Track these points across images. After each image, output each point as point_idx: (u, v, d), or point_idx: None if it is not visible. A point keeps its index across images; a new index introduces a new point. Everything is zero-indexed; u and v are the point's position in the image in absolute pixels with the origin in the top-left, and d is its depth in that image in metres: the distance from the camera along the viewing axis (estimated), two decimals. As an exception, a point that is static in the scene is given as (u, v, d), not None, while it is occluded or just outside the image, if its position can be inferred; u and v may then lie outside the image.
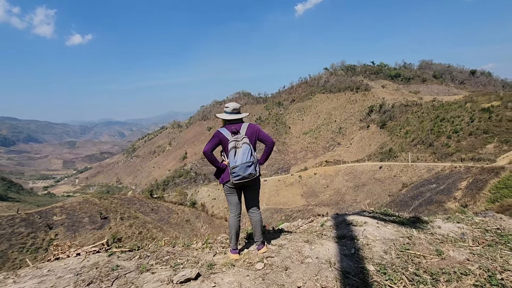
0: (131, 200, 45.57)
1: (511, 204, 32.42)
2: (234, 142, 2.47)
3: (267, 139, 2.63)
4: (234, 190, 2.56)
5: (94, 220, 32.18)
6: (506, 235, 2.53)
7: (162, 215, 40.62)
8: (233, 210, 2.59)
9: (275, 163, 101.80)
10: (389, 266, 1.93)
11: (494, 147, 52.70)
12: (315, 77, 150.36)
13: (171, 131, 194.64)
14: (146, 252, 2.61)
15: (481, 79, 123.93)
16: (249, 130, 2.60)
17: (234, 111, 2.68)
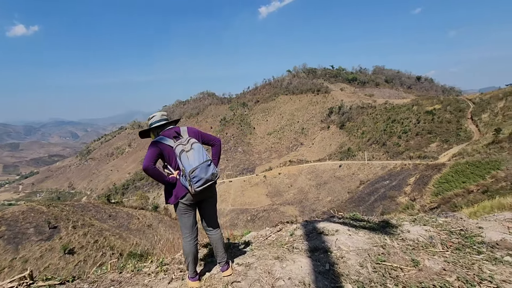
0: (86, 206, 42.11)
1: (450, 197, 36.14)
2: (181, 146, 2.10)
3: (213, 139, 2.38)
4: (191, 207, 2.13)
5: (41, 231, 28.87)
6: (470, 237, 2.55)
7: (121, 221, 38.16)
8: (189, 233, 2.13)
9: (240, 164, 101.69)
10: (367, 283, 1.76)
11: (437, 145, 58.56)
12: (279, 79, 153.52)
13: (131, 132, 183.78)
14: (83, 283, 2.12)
15: (425, 85, 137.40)
16: (191, 132, 2.29)
17: (163, 118, 2.36)
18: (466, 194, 32.59)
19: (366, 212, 27.65)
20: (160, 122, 2.30)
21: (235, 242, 2.94)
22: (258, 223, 60.32)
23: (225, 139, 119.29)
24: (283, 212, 61.42)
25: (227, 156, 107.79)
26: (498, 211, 7.55)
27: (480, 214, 7.58)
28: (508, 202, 8.26)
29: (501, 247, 2.30)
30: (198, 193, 2.04)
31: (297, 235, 2.79)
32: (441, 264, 1.95)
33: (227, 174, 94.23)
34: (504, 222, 3.00)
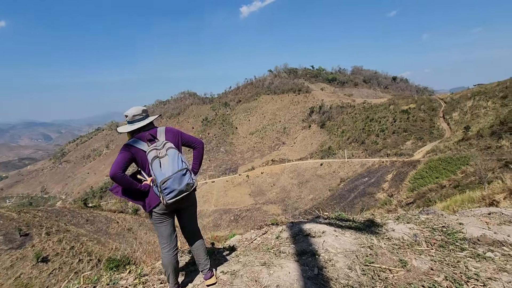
0: (61, 211, 40.16)
1: (425, 192, 37.80)
2: (154, 151, 1.87)
3: (194, 141, 2.14)
4: (167, 216, 1.94)
5: (11, 239, 27.09)
6: (452, 233, 2.59)
7: (99, 226, 36.78)
8: (167, 243, 1.95)
9: (223, 164, 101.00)
10: (357, 287, 1.71)
11: (412, 143, 61.14)
12: (260, 79, 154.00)
13: (108, 133, 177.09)
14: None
15: (400, 85, 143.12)
16: (169, 134, 2.04)
17: (137, 118, 2.04)
18: (439, 189, 34.27)
19: (347, 208, 28.35)
20: (135, 125, 2.01)
21: (218, 248, 2.81)
22: (241, 223, 60.17)
23: (207, 139, 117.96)
24: (266, 211, 61.67)
25: (209, 156, 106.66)
26: (468, 204, 7.95)
27: (452, 207, 7.95)
28: (477, 195, 8.73)
29: (482, 243, 2.34)
30: (170, 204, 1.84)
31: (283, 237, 2.72)
32: (428, 263, 1.95)
33: (209, 175, 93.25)
34: (482, 217, 3.09)
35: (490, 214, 3.17)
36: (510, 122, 43.03)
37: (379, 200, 42.00)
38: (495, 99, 56.34)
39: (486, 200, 7.63)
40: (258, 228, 3.37)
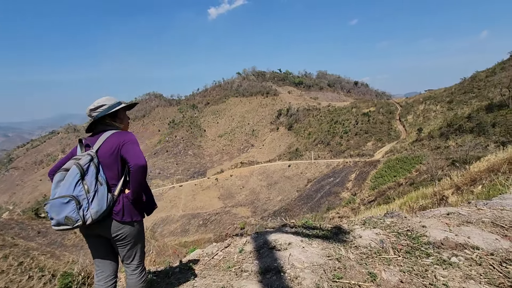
0: (7, 224, 36.20)
1: (385, 190, 40.19)
2: (72, 161, 1.58)
3: (130, 159, 1.61)
4: (91, 237, 1.65)
5: None
6: (417, 237, 2.57)
7: (53, 238, 33.73)
8: (98, 270, 1.66)
9: (191, 167, 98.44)
10: (326, 310, 1.54)
11: (372, 144, 64.93)
12: (229, 81, 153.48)
13: (64, 136, 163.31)
14: None
15: (361, 89, 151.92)
16: (108, 144, 1.65)
17: (92, 113, 1.74)
18: (397, 186, 36.68)
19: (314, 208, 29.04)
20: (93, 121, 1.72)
21: (174, 267, 2.49)
22: (210, 227, 58.96)
23: (174, 142, 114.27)
24: (236, 214, 61.20)
25: (177, 160, 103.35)
26: (422, 200, 8.42)
27: (408, 203, 8.38)
28: (429, 192, 9.32)
29: (446, 247, 2.32)
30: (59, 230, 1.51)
31: (247, 251, 2.49)
32: (397, 275, 1.84)
33: (177, 179, 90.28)
34: (441, 218, 3.15)
35: (449, 214, 3.25)
36: (455, 124, 47.64)
37: (343, 199, 43.77)
38: (443, 104, 62.10)
39: (437, 196, 8.16)
40: (221, 241, 3.10)
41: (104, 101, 1.75)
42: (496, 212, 3.18)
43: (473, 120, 44.62)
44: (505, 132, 38.07)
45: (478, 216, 3.04)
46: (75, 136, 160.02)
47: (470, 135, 42.69)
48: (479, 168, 8.67)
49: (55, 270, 17.19)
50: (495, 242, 2.34)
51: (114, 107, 1.76)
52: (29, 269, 17.87)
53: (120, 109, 1.80)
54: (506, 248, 2.24)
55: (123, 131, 1.74)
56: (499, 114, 41.90)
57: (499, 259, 2.05)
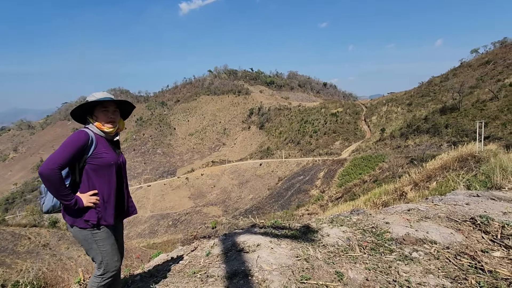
0: None
1: (351, 187, 42.02)
2: None
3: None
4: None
5: None
6: (381, 234, 2.65)
7: (3, 244, 30.56)
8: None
9: (160, 166, 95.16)
10: (293, 313, 1.49)
11: (340, 143, 67.70)
12: (200, 79, 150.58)
13: (17, 133, 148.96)
14: None
15: (330, 90, 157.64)
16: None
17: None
18: (362, 183, 38.63)
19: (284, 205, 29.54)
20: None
21: (135, 275, 2.32)
22: (180, 227, 57.51)
23: (142, 140, 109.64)
24: (207, 214, 60.36)
25: (144, 159, 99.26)
26: (384, 196, 8.90)
27: (372, 199, 8.81)
28: (390, 188, 9.88)
29: (407, 242, 2.42)
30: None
31: (214, 254, 2.39)
32: (363, 273, 1.87)
33: (145, 178, 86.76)
34: (403, 214, 3.30)
35: (410, 210, 3.41)
36: (414, 125, 51.34)
37: (312, 197, 45.12)
38: (403, 106, 66.58)
39: (398, 192, 8.68)
40: (188, 243, 2.96)
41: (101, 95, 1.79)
42: (450, 207, 3.40)
43: (429, 121, 48.44)
44: (456, 133, 41.81)
45: (435, 212, 3.23)
46: (29, 134, 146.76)
47: (426, 135, 46.29)
48: (433, 166, 9.37)
49: (5, 279, 15.52)
50: (450, 236, 2.49)
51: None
52: (-27, 281, 15.71)
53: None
54: (459, 242, 2.39)
55: (79, 130, 1.71)
56: (451, 116, 45.93)
57: (454, 252, 2.17)
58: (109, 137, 1.80)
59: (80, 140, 1.61)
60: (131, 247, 28.71)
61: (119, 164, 1.82)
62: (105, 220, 1.68)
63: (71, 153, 1.56)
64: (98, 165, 1.67)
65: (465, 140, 27.91)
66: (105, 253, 1.66)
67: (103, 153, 1.69)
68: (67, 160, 1.55)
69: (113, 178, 1.73)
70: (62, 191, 1.53)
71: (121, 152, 1.94)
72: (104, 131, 1.74)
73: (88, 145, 1.64)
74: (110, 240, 1.69)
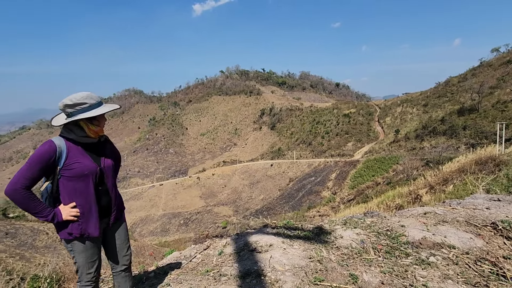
0: (-29, 225, 33.64)
1: (363, 189, 41.29)
2: None
3: None
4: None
5: None
6: (396, 237, 2.59)
7: (23, 239, 31.86)
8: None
9: (172, 166, 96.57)
10: (307, 315, 1.48)
11: (352, 144, 66.66)
12: (212, 79, 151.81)
13: (36, 132, 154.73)
14: None
15: (342, 91, 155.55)
16: None
17: (67, 110, 1.66)
18: (375, 185, 37.88)
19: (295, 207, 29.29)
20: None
21: (149, 272, 2.36)
22: (191, 226, 58.13)
23: (155, 140, 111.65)
24: (217, 213, 60.74)
25: (157, 158, 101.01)
26: (398, 199, 8.68)
27: (386, 202, 8.61)
28: (404, 191, 9.64)
29: (424, 246, 2.36)
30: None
31: (226, 253, 2.40)
32: (378, 276, 1.83)
33: (157, 177, 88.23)
34: (419, 217, 3.21)
35: (426, 214, 3.32)
36: (430, 127, 49.92)
37: (324, 198, 44.62)
38: (419, 107, 64.86)
39: (412, 195, 8.46)
40: (200, 242, 2.99)
41: (84, 99, 1.58)
42: (469, 211, 3.29)
43: (446, 123, 46.96)
44: (474, 135, 40.36)
45: (453, 216, 3.13)
46: (48, 133, 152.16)
47: (443, 137, 44.90)
48: (450, 169, 9.07)
49: (24, 273, 16.00)
50: (470, 241, 2.41)
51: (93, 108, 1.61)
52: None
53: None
54: (479, 247, 2.30)
55: (47, 140, 1.60)
56: (470, 117, 44.37)
57: (474, 258, 2.09)
58: (87, 142, 1.63)
59: (46, 154, 1.51)
60: (144, 245, 29.22)
61: (98, 171, 1.63)
62: (88, 232, 1.60)
63: (36, 169, 1.49)
64: (72, 176, 1.55)
65: (484, 142, 26.92)
66: (79, 264, 1.64)
67: (75, 163, 1.55)
68: (33, 177, 1.48)
69: (90, 188, 1.59)
70: (33, 208, 1.47)
71: (108, 154, 1.75)
72: (91, 137, 1.64)
73: (56, 157, 1.53)
74: (86, 253, 1.63)
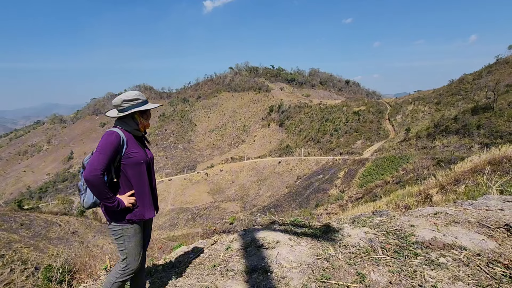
0: (-13, 215, 34.87)
1: (372, 187, 40.82)
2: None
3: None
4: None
5: None
6: (405, 237, 2.56)
7: (37, 230, 32.89)
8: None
9: (181, 161, 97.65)
10: (313, 312, 1.48)
11: (362, 142, 65.79)
12: (221, 76, 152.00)
13: (50, 127, 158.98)
14: None
15: (352, 88, 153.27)
16: None
17: (124, 104, 1.90)
18: (384, 184, 37.31)
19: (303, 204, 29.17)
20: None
21: (158, 265, 2.40)
22: (199, 221, 58.80)
23: (164, 135, 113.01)
24: (225, 209, 61.19)
25: (166, 153, 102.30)
26: (408, 198, 8.55)
27: (395, 201, 8.50)
28: (414, 190, 9.46)
29: (434, 247, 2.32)
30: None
31: (233, 249, 2.42)
32: (386, 276, 1.81)
33: (166, 173, 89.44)
34: (429, 217, 3.16)
35: (436, 214, 3.26)
36: (442, 125, 48.74)
37: (332, 196, 44.28)
38: (431, 105, 63.37)
39: (422, 194, 8.30)
40: (208, 237, 3.02)
41: (138, 96, 1.93)
42: (482, 213, 3.21)
43: (459, 121, 45.74)
44: (489, 134, 39.19)
45: (464, 216, 3.06)
46: (61, 127, 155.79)
47: (455, 136, 43.79)
48: (463, 168, 8.84)
49: (38, 263, 16.28)
50: (482, 243, 2.35)
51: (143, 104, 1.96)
52: (11, 261, 16.74)
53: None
54: (492, 249, 2.25)
55: (110, 130, 1.76)
56: (484, 116, 43.08)
57: (486, 260, 2.05)
58: (138, 134, 1.89)
59: (114, 142, 1.68)
60: (153, 238, 29.75)
61: (148, 160, 1.87)
62: (144, 215, 1.79)
63: (109, 156, 1.65)
64: (130, 164, 1.74)
65: (499, 142, 26.13)
66: (128, 250, 1.74)
67: (133, 152, 1.76)
68: (107, 163, 1.64)
69: (144, 174, 1.81)
70: (106, 194, 1.61)
71: (148, 148, 2.00)
72: (140, 131, 1.89)
73: (121, 145, 1.71)
74: (136, 237, 1.76)
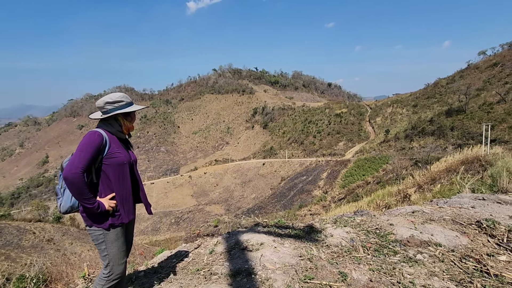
0: (-52, 225, 32.43)
1: (354, 188, 41.80)
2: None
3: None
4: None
5: None
6: (385, 235, 2.64)
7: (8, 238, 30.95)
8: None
9: (164, 164, 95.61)
10: (297, 313, 1.49)
11: (344, 144, 67.38)
12: (204, 77, 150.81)
13: (23, 129, 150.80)
14: None
15: (334, 90, 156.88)
16: None
17: (106, 106, 1.86)
18: (365, 185, 38.38)
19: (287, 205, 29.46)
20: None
21: (139, 271, 2.34)
22: (183, 225, 57.75)
23: (146, 138, 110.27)
24: (209, 212, 60.51)
25: (148, 156, 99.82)
26: (388, 198, 8.84)
27: (375, 201, 8.76)
28: (394, 190, 9.81)
29: (412, 244, 2.41)
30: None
31: (217, 252, 2.40)
32: (367, 274, 1.86)
33: (148, 176, 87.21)
34: (407, 216, 3.28)
35: (414, 212, 3.39)
36: (419, 127, 50.88)
37: (315, 197, 44.95)
38: (408, 107, 66.02)
39: (401, 194, 8.62)
40: (191, 241, 2.97)
41: (122, 98, 1.86)
42: (456, 210, 3.37)
43: (435, 123, 47.97)
44: (461, 136, 41.35)
45: (440, 214, 3.21)
46: (35, 130, 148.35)
47: (431, 137, 45.85)
48: (438, 168, 9.27)
49: (10, 273, 15.51)
50: (455, 239, 2.47)
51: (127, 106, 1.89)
52: (-23, 274, 15.70)
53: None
54: (465, 245, 2.37)
55: (92, 130, 1.71)
56: (457, 118, 45.43)
57: (459, 255, 2.15)
58: (121, 137, 1.86)
59: (96, 141, 1.64)
60: (134, 244, 28.84)
61: (131, 162, 1.85)
62: (123, 219, 1.74)
63: (90, 154, 1.60)
64: (112, 165, 1.70)
65: (471, 143, 27.58)
66: (111, 255, 1.69)
67: (116, 152, 1.72)
68: (88, 162, 1.59)
69: (127, 176, 1.77)
70: (85, 194, 1.56)
71: (131, 149, 1.98)
72: (124, 133, 1.87)
73: (103, 145, 1.68)
74: (118, 242, 1.71)
